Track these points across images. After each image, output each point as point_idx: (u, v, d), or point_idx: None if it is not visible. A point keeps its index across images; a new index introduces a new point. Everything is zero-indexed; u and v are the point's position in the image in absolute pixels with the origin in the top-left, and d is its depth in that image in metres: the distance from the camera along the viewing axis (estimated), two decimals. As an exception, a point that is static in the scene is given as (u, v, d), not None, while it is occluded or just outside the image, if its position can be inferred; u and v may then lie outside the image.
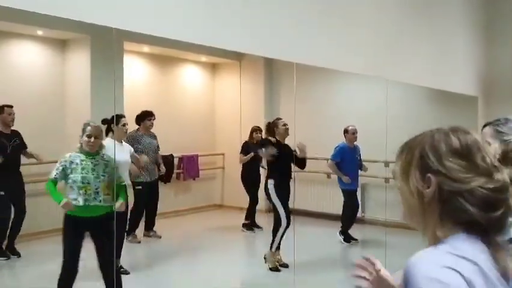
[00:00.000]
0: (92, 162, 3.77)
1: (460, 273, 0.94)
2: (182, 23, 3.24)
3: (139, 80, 7.93)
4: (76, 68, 6.88)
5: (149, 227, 6.81)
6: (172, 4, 3.20)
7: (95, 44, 6.51)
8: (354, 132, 6.76)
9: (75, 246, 3.74)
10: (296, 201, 5.81)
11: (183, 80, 8.95)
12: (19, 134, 5.78)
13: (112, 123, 5.17)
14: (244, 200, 7.89)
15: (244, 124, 8.26)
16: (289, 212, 5.54)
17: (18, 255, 5.54)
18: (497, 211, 1.00)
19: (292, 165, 5.63)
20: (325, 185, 7.81)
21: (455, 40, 6.38)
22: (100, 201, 3.75)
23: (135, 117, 6.54)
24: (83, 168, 3.71)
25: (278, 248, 5.60)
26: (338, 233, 6.79)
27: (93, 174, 3.73)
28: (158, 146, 6.75)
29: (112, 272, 3.84)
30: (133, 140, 6.26)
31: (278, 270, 5.54)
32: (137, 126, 6.58)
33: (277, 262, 5.61)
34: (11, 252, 5.53)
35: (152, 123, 6.59)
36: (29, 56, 6.72)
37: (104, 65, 6.40)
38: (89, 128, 3.81)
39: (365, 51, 4.77)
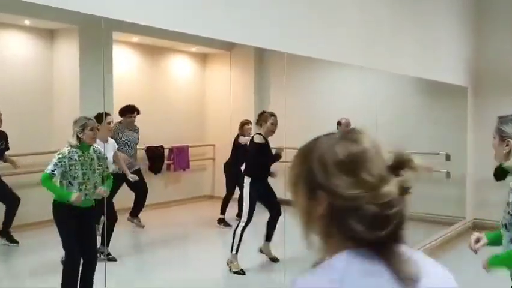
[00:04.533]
0: (88, 157, 3.83)
1: None
2: (172, 13, 3.20)
3: (128, 71, 7.85)
4: (64, 59, 6.80)
5: (135, 213, 6.63)
6: (161, -7, 3.16)
7: (84, 35, 6.41)
8: (348, 125, 6.71)
9: (73, 233, 3.73)
10: (285, 193, 5.77)
11: (173, 70, 8.89)
12: (5, 135, 5.71)
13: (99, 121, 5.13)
14: (235, 191, 7.85)
15: (235, 115, 8.21)
16: (253, 211, 5.33)
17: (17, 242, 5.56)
18: (384, 229, 0.90)
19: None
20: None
21: (445, 31, 6.39)
22: (97, 194, 3.87)
23: (118, 110, 6.44)
24: (82, 164, 3.77)
25: (237, 251, 5.21)
26: None
27: (91, 170, 3.82)
28: (138, 139, 6.59)
29: (95, 259, 3.88)
30: (116, 132, 6.26)
31: (244, 274, 5.17)
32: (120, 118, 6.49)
33: (269, 255, 5.50)
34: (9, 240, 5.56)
35: (134, 120, 6.49)
36: (16, 46, 6.62)
37: (93, 56, 6.31)
38: (91, 121, 3.88)
39: (355, 42, 4.76)
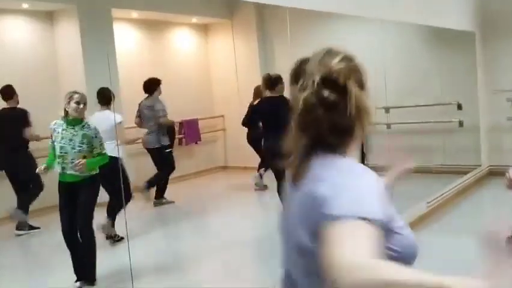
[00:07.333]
0: (71, 133, 3.85)
1: None
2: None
3: (130, 47, 7.81)
4: (66, 39, 6.77)
5: (159, 194, 6.70)
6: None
7: (83, 14, 6.39)
8: None
9: (61, 206, 3.95)
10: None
11: (175, 43, 8.82)
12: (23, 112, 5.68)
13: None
14: (248, 159, 7.86)
15: (241, 83, 8.17)
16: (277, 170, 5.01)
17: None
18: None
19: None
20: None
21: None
22: (75, 170, 3.84)
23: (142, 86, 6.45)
24: (62, 138, 3.84)
25: None
26: None
27: (70, 145, 3.84)
28: (161, 111, 6.37)
29: (86, 232, 3.99)
30: (140, 109, 6.43)
31: None
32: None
33: None
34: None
35: (160, 92, 6.43)
36: (17, 31, 6.61)
37: (94, 34, 6.29)
38: (77, 95, 3.87)
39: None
